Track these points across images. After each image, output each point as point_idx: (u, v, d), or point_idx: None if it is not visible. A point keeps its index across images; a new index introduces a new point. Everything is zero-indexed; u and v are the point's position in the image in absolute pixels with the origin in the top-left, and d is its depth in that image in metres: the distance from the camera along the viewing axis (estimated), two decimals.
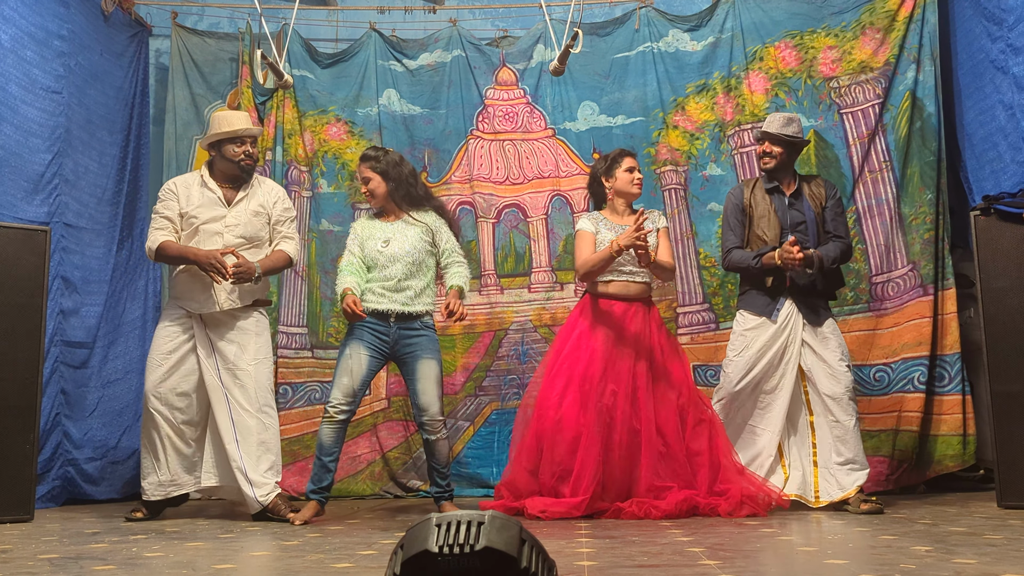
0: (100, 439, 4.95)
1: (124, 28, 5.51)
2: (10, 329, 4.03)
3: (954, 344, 5.00)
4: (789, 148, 4.34)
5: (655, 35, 5.61)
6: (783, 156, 4.32)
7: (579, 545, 3.02)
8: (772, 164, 4.32)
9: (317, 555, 2.84)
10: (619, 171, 4.30)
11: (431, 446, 4.10)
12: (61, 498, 4.70)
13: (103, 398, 5.03)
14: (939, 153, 5.15)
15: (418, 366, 4.09)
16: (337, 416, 4.02)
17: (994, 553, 2.66)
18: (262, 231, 4.19)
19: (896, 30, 5.25)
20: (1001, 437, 4.09)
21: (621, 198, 4.33)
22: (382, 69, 5.76)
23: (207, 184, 4.17)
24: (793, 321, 4.24)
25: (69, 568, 2.61)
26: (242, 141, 4.16)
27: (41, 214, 4.59)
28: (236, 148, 4.15)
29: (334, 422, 4.02)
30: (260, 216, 4.19)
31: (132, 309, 5.32)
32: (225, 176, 4.20)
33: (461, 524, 1.56)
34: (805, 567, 2.54)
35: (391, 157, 4.27)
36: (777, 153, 4.31)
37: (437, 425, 4.08)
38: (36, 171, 4.60)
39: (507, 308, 5.53)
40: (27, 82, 4.54)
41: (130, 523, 3.90)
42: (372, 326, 4.10)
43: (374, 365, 4.11)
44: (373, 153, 4.29)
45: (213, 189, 4.16)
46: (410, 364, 4.11)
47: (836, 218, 4.34)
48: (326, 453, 4.02)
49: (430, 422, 4.06)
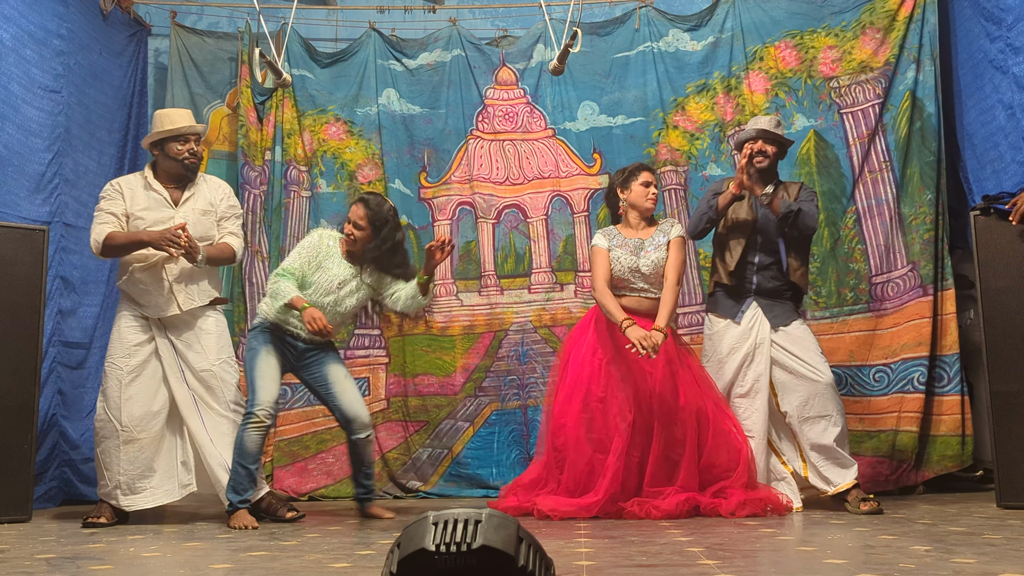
0: None
1: (123, 28, 5.51)
2: (8, 329, 4.02)
3: (953, 344, 5.00)
4: (780, 148, 4.35)
5: (655, 35, 5.60)
6: (775, 156, 4.32)
7: (578, 545, 3.01)
8: (766, 163, 4.29)
9: (315, 555, 2.83)
10: (635, 184, 4.31)
11: (360, 446, 4.08)
12: (58, 498, 4.69)
13: None
14: (939, 153, 5.15)
15: (328, 372, 4.09)
16: (267, 421, 3.93)
17: (993, 553, 2.65)
18: (211, 230, 4.12)
19: (896, 30, 5.24)
20: (1000, 437, 4.08)
21: (634, 211, 4.34)
22: (381, 69, 5.75)
23: (151, 185, 4.08)
24: (758, 323, 4.23)
25: (66, 568, 2.61)
26: (185, 139, 4.07)
27: (43, 214, 4.59)
28: (180, 146, 4.06)
29: (263, 427, 3.92)
30: (208, 215, 4.12)
31: None
32: (169, 176, 4.11)
33: (458, 522, 1.55)
34: (804, 567, 2.53)
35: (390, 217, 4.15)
36: (771, 152, 4.30)
37: (368, 423, 4.09)
38: (37, 171, 4.60)
39: (507, 309, 5.52)
40: (27, 81, 4.53)
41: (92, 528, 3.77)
42: (282, 339, 4.06)
43: (282, 372, 4.08)
44: (375, 207, 4.13)
45: (158, 190, 4.07)
46: (316, 372, 4.10)
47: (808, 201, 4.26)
48: (253, 461, 3.89)
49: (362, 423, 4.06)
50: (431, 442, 5.38)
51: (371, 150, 5.69)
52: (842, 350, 5.07)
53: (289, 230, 5.59)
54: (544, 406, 4.59)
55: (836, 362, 5.03)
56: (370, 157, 5.68)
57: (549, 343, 5.43)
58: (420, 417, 5.40)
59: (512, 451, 5.34)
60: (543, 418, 4.52)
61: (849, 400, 4.86)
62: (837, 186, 5.26)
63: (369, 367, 5.45)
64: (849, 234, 5.20)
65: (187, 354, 4.04)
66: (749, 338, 4.22)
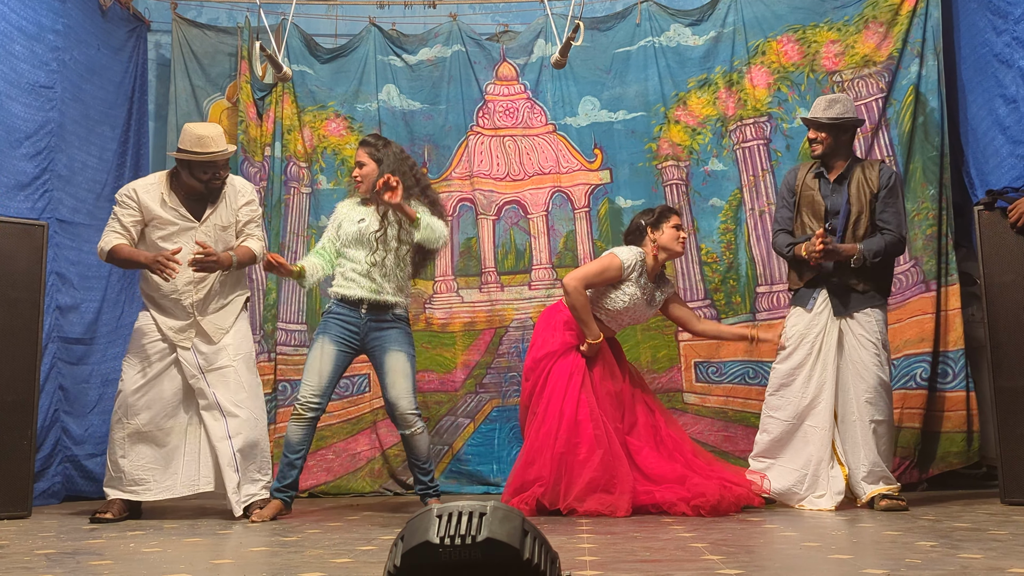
0: (101, 435, 4.89)
1: (122, 23, 5.48)
2: (7, 325, 4.00)
3: (958, 340, 4.97)
4: (835, 131, 4.15)
5: (656, 29, 5.58)
6: (830, 141, 4.15)
7: (580, 540, 2.99)
8: (820, 150, 4.16)
9: (316, 551, 2.81)
10: (667, 226, 4.26)
11: (407, 441, 4.02)
12: (61, 495, 4.67)
13: (104, 395, 4.98)
14: (942, 148, 5.12)
15: (386, 359, 3.99)
16: (306, 414, 3.93)
17: (1000, 548, 2.63)
18: (231, 241, 4.07)
19: (899, 24, 5.22)
20: (1005, 434, 4.07)
21: (664, 253, 4.27)
22: (381, 64, 5.73)
23: (167, 201, 3.97)
24: (828, 312, 4.11)
25: (66, 563, 2.59)
26: (215, 165, 3.93)
27: (23, 210, 4.47)
28: (206, 172, 3.93)
29: (303, 420, 3.93)
30: (228, 230, 4.06)
31: (132, 304, 5.28)
32: (189, 192, 4.01)
33: (463, 515, 1.53)
34: (809, 562, 2.52)
35: (392, 149, 4.12)
36: (822, 139, 4.15)
37: (411, 419, 3.98)
38: (21, 167, 4.52)
39: (507, 305, 5.50)
40: (14, 77, 4.47)
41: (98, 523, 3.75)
42: (342, 317, 4.01)
43: (342, 360, 4.02)
44: (373, 140, 4.16)
45: (174, 207, 3.98)
46: (378, 357, 4.02)
47: (887, 209, 4.11)
48: (293, 451, 3.94)
49: (402, 416, 3.97)
50: (432, 439, 5.35)
51: None
52: None
53: (289, 226, 5.57)
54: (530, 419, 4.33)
55: None
56: None
57: None
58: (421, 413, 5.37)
59: (513, 447, 5.31)
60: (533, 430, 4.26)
61: None
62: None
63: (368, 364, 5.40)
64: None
65: (207, 352, 3.99)
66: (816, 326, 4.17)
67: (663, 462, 4.06)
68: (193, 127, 3.98)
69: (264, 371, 5.39)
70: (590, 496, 3.90)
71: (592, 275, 4.19)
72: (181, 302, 3.98)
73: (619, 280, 4.19)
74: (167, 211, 3.98)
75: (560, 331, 4.26)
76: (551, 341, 4.25)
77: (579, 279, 4.16)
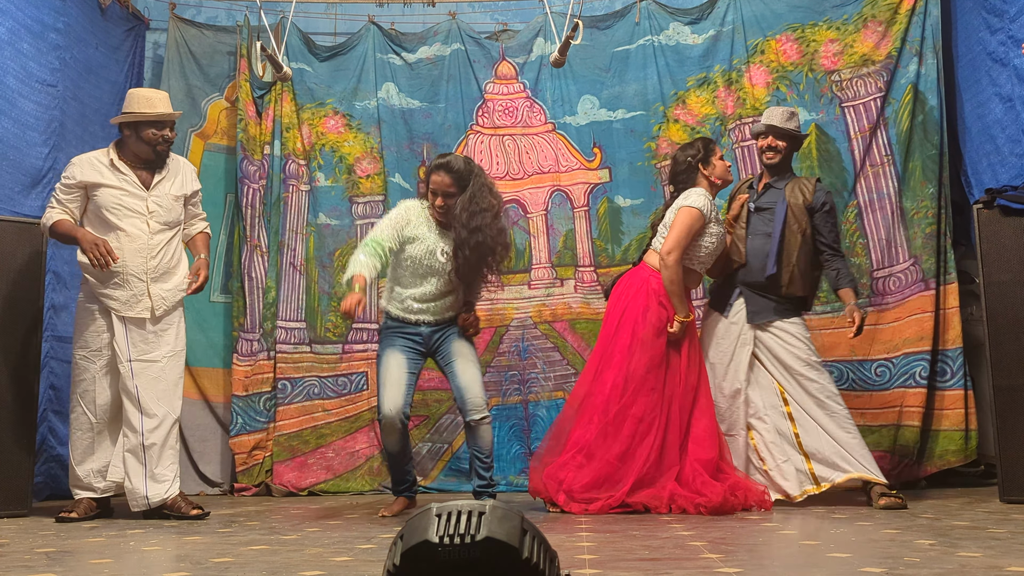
0: None
1: (121, 22, 5.47)
2: (7, 323, 4.00)
3: (956, 339, 4.98)
4: (792, 143, 4.30)
5: (655, 28, 5.58)
6: (786, 151, 4.29)
7: (579, 539, 3.00)
8: (777, 159, 4.26)
9: (316, 549, 2.81)
10: (715, 159, 4.23)
11: (473, 430, 3.92)
12: (43, 493, 4.60)
13: None
14: (941, 147, 5.13)
15: (452, 348, 3.96)
16: (397, 426, 3.84)
17: (999, 547, 2.63)
18: (181, 215, 4.07)
19: (898, 23, 5.22)
20: (1003, 432, 4.07)
21: (720, 183, 4.25)
22: (380, 62, 5.73)
23: (118, 167, 3.92)
24: (743, 318, 4.19)
25: (66, 562, 2.59)
26: (163, 125, 3.94)
27: (36, 207, 4.52)
28: (155, 132, 3.92)
29: (395, 431, 3.85)
30: (179, 200, 4.05)
31: None
32: (138, 158, 3.98)
33: (462, 514, 1.53)
34: (808, 561, 2.52)
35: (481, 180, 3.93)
36: (782, 148, 4.26)
37: (483, 405, 3.90)
38: (34, 165, 4.56)
39: (507, 305, 5.50)
40: (24, 75, 4.50)
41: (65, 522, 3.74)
42: (404, 331, 3.96)
43: (414, 366, 3.94)
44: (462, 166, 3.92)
45: (125, 172, 3.95)
46: (444, 349, 3.98)
47: (832, 229, 4.21)
48: (397, 457, 3.93)
49: (473, 402, 3.88)
50: (431, 437, 5.37)
51: (370, 144, 5.67)
52: (843, 345, 5.04)
53: (288, 224, 5.56)
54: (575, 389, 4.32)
55: (837, 357, 5.04)
56: (369, 151, 5.66)
57: (549, 338, 5.42)
58: (420, 412, 5.37)
59: (513, 446, 5.32)
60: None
61: (850, 395, 4.83)
62: (838, 180, 5.23)
63: (367, 362, 5.42)
64: (850, 228, 5.18)
65: (139, 344, 3.90)
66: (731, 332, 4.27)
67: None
68: (139, 91, 4.09)
69: (264, 369, 5.40)
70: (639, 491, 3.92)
71: (684, 240, 4.06)
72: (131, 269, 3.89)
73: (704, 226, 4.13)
74: (117, 177, 3.93)
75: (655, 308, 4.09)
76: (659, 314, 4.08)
77: (676, 250, 4.04)
